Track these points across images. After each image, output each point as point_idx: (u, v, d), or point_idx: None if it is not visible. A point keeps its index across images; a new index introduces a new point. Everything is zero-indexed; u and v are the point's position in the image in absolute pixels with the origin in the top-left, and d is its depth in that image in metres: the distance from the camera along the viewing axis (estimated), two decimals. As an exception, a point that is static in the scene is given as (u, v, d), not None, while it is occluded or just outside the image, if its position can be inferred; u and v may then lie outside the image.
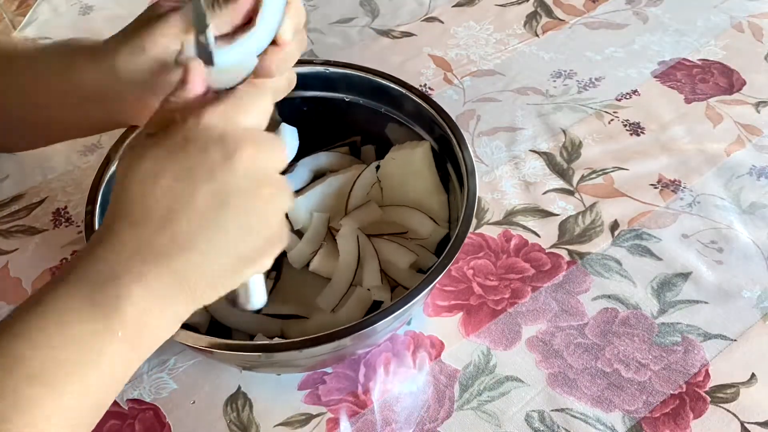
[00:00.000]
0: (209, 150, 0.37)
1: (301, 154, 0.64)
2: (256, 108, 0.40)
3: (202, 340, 0.47)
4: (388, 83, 0.61)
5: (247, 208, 0.38)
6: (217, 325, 0.57)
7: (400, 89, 0.61)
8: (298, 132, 0.64)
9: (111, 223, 0.38)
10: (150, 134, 0.39)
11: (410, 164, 0.60)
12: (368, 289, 0.57)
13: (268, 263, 0.41)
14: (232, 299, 0.42)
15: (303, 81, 0.62)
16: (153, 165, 0.37)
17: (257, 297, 0.43)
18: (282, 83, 0.48)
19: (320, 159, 0.64)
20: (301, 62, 0.63)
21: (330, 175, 0.62)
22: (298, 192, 0.61)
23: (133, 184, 0.38)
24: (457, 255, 0.50)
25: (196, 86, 0.39)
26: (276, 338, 0.55)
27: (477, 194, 0.53)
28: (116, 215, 0.38)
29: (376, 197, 0.62)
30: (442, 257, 0.50)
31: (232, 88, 0.41)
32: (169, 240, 0.37)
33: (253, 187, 0.38)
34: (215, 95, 0.40)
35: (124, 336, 0.36)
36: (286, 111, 0.63)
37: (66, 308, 0.35)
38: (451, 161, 0.59)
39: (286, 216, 0.49)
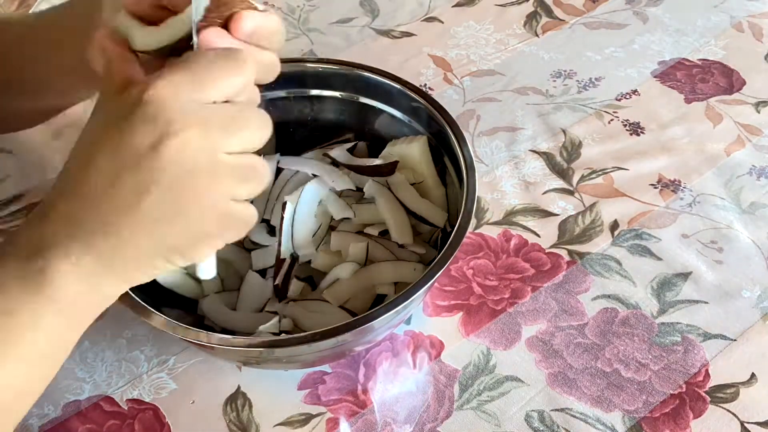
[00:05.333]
0: (137, 132, 0.33)
1: (297, 154, 0.64)
2: (223, 79, 0.35)
3: (204, 336, 0.47)
4: (383, 80, 0.61)
5: (172, 200, 0.34)
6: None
7: (395, 85, 0.61)
8: (292, 132, 0.64)
9: (50, 192, 0.37)
10: (105, 96, 0.36)
11: (408, 159, 0.60)
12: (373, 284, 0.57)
13: (203, 255, 0.38)
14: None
15: (296, 80, 0.63)
16: (90, 136, 0.35)
17: (206, 271, 0.41)
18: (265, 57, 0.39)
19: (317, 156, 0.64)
20: (293, 61, 0.63)
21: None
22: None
23: (73, 152, 0.36)
24: (456, 252, 0.50)
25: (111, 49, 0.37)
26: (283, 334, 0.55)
27: (476, 189, 0.53)
28: (56, 185, 0.37)
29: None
30: (442, 251, 0.49)
31: (196, 52, 0.36)
32: (95, 219, 0.35)
33: (182, 179, 0.34)
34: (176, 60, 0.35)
35: (56, 310, 0.35)
36: (279, 111, 0.63)
37: (1, 279, 0.35)
38: (448, 155, 0.59)
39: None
